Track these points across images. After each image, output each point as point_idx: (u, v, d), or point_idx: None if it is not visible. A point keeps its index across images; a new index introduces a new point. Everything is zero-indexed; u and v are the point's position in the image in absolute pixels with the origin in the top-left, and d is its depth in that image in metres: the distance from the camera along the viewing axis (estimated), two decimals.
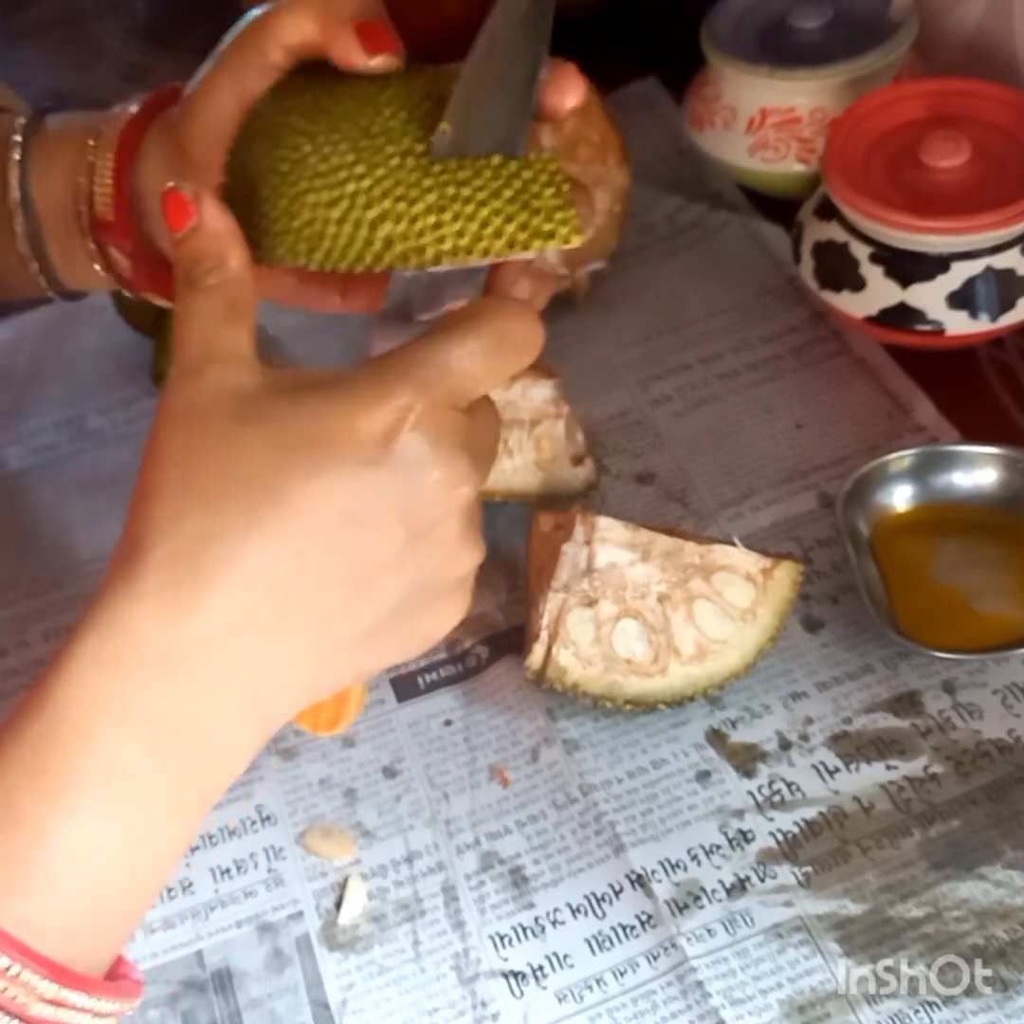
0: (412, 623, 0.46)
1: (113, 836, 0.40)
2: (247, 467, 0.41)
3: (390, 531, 0.42)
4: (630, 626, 0.63)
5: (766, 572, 0.63)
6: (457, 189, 0.47)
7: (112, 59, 1.16)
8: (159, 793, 0.41)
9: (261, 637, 0.41)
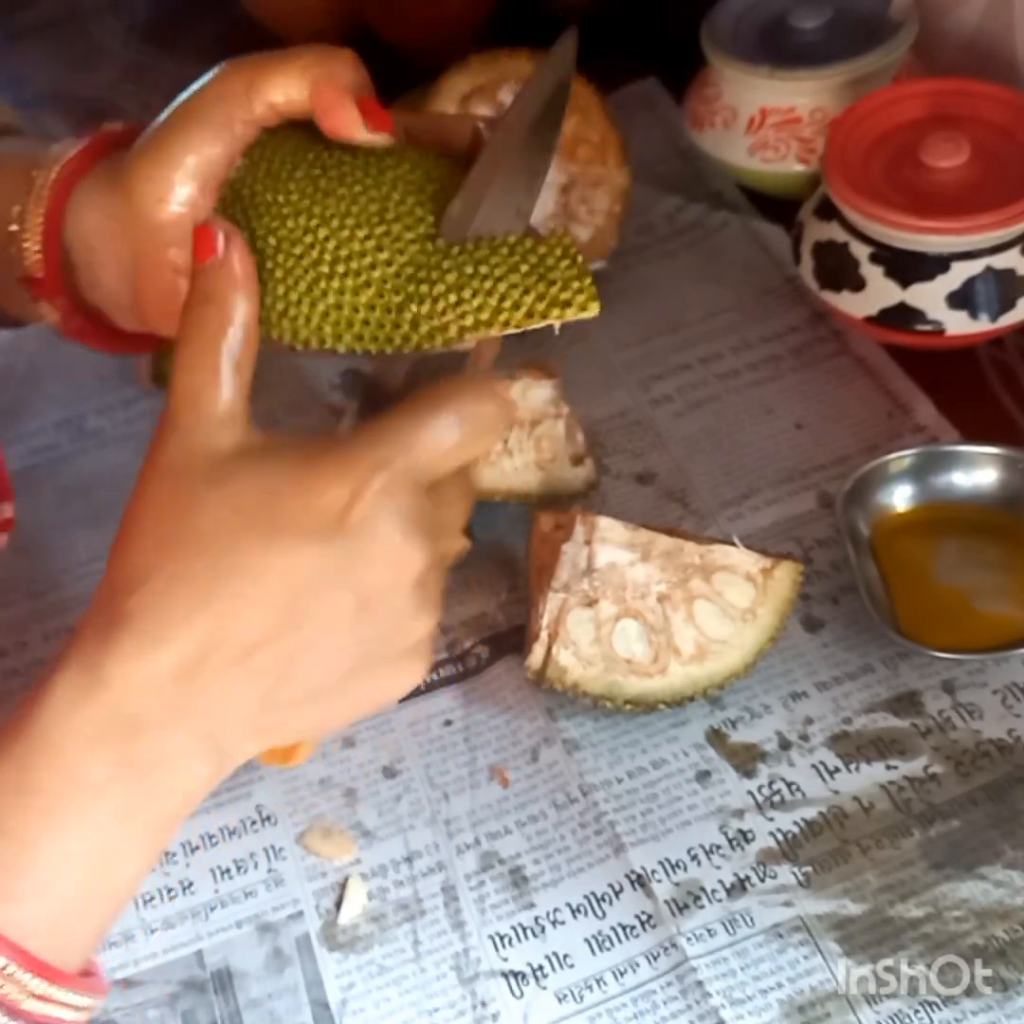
0: (364, 686, 0.47)
1: (88, 849, 0.44)
2: (210, 530, 0.44)
3: (339, 601, 0.44)
4: (630, 626, 0.63)
5: (766, 572, 0.63)
6: (475, 267, 0.48)
7: (112, 59, 1.16)
8: (125, 813, 0.44)
9: (213, 687, 0.44)
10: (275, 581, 0.43)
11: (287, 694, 0.45)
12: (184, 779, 0.45)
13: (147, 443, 0.87)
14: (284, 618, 0.44)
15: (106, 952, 0.60)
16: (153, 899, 0.62)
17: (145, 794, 0.44)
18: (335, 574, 0.44)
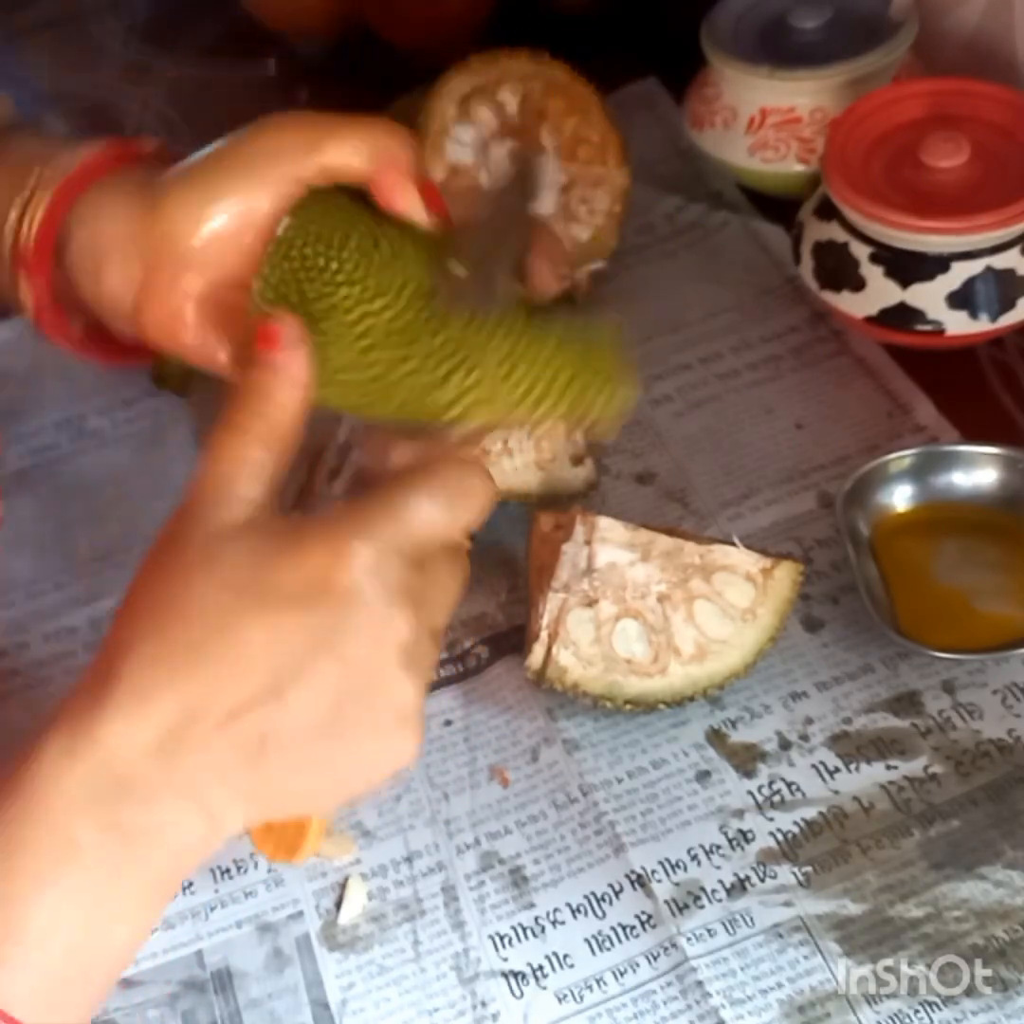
0: (352, 756, 0.47)
1: (78, 912, 0.44)
2: (199, 607, 0.45)
3: (322, 669, 0.44)
4: (630, 626, 0.63)
5: (766, 572, 0.63)
6: (528, 348, 0.50)
7: (112, 59, 1.15)
8: (115, 876, 0.44)
9: (198, 751, 0.44)
10: (258, 648, 0.44)
11: (273, 761, 0.45)
12: (174, 843, 0.45)
13: (147, 443, 0.87)
14: (267, 685, 0.44)
15: None
16: None
17: (135, 857, 0.45)
18: (319, 640, 0.44)
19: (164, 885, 0.46)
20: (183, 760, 0.44)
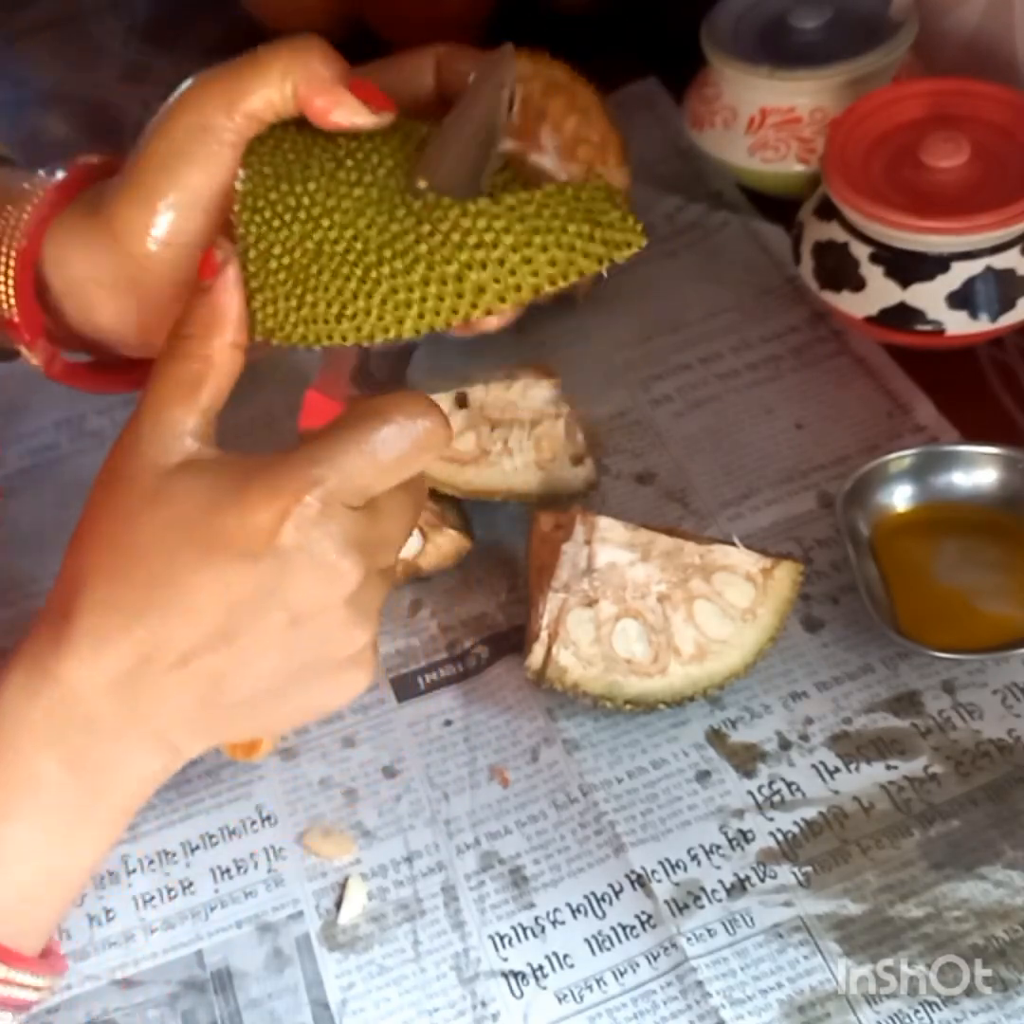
0: (303, 695, 0.49)
1: (43, 840, 0.47)
2: (147, 547, 0.46)
3: (270, 618, 0.46)
4: (630, 626, 0.63)
5: (766, 572, 0.63)
6: (533, 222, 0.48)
7: (112, 59, 1.16)
8: (78, 808, 0.47)
9: (153, 691, 0.46)
10: (207, 597, 0.45)
11: (226, 699, 0.47)
12: (136, 774, 0.48)
13: None
14: (216, 631, 0.45)
15: (106, 952, 0.60)
16: (153, 899, 0.62)
17: (97, 790, 0.47)
18: (266, 592, 0.45)
19: (125, 812, 0.49)
20: (140, 700, 0.46)
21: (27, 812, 0.46)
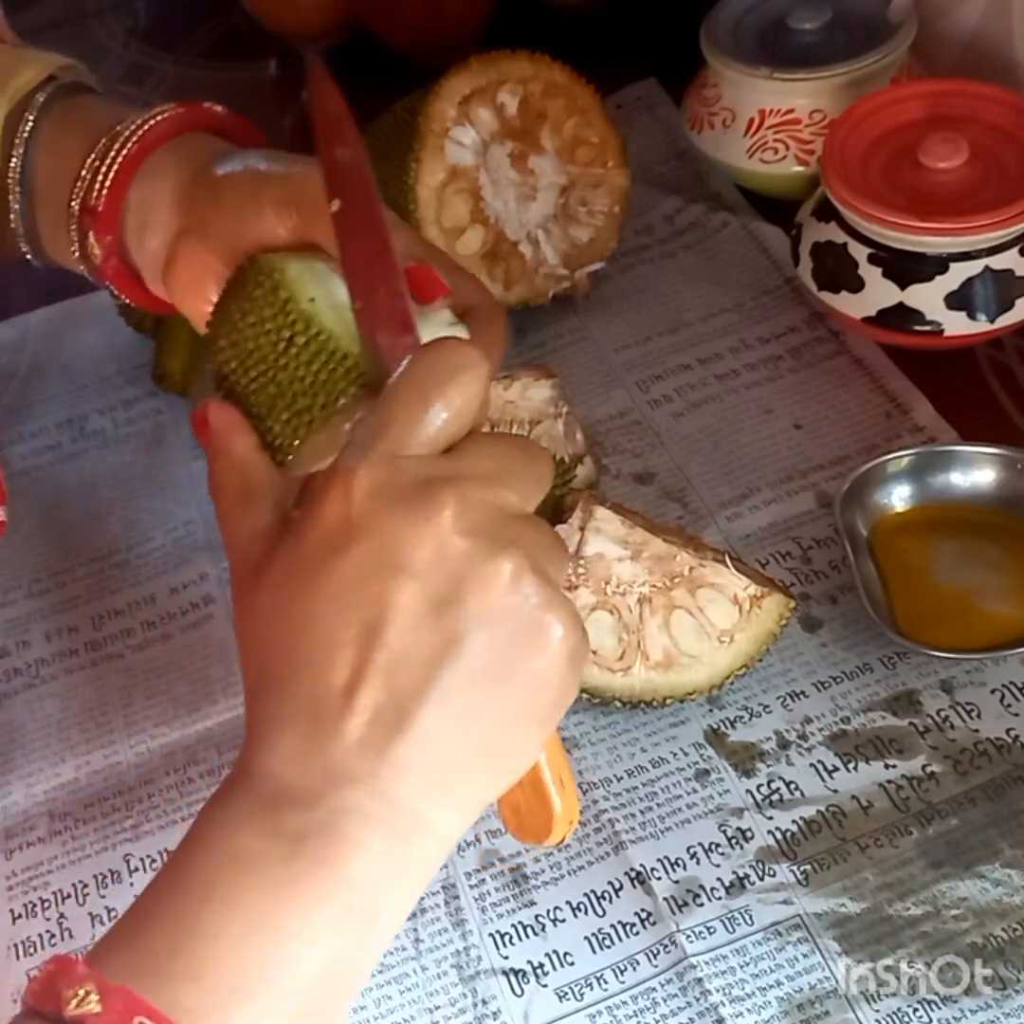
0: (494, 663, 0.42)
1: (244, 926, 0.40)
2: (267, 619, 0.44)
3: (395, 590, 0.42)
4: (604, 619, 0.63)
5: (754, 600, 0.63)
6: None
7: (112, 59, 1.16)
8: (286, 893, 0.41)
9: (338, 743, 0.42)
10: (328, 616, 0.42)
11: (417, 717, 0.42)
12: (356, 846, 0.41)
13: (147, 443, 0.87)
14: (350, 641, 0.42)
15: None
16: None
17: (306, 866, 0.41)
18: (373, 570, 0.42)
19: (363, 898, 0.42)
20: (328, 758, 0.41)
21: (228, 894, 0.41)
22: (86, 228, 0.60)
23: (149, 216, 0.58)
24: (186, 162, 0.58)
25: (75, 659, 0.73)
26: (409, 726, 0.41)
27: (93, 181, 0.59)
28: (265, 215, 0.55)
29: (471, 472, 0.43)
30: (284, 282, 0.51)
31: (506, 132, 0.80)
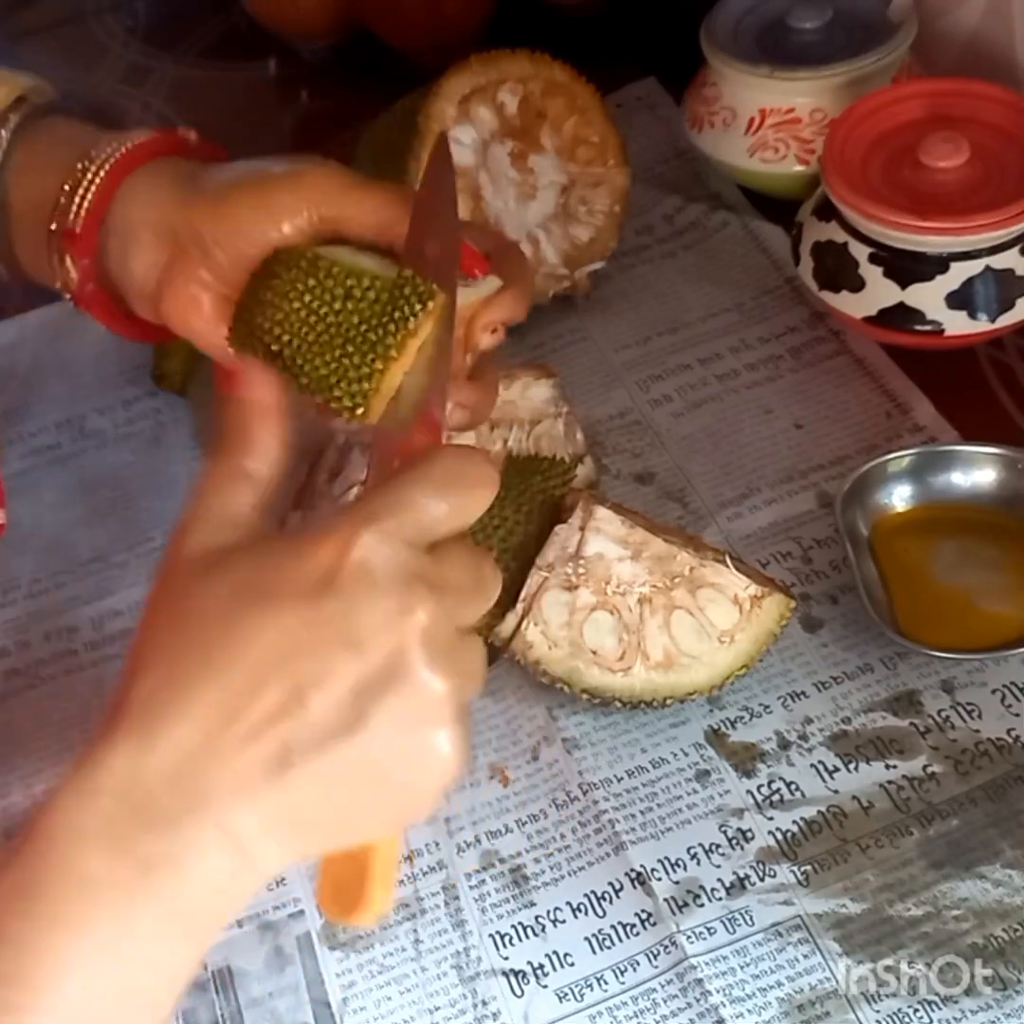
0: (382, 765, 0.43)
1: (91, 955, 0.40)
2: (204, 615, 0.43)
3: (340, 661, 0.42)
4: (604, 619, 0.63)
5: (755, 600, 0.63)
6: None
7: (112, 60, 1.16)
8: (131, 916, 0.41)
9: (219, 775, 0.41)
10: (269, 650, 0.42)
11: (299, 775, 0.42)
12: (199, 876, 0.41)
13: (147, 443, 0.87)
14: (285, 691, 0.42)
15: None
16: None
17: (154, 890, 0.41)
18: (331, 635, 0.42)
19: (192, 927, 0.43)
20: (202, 783, 0.41)
21: (74, 917, 0.40)
22: (63, 252, 0.58)
23: (131, 239, 0.57)
24: (166, 184, 0.58)
25: (75, 659, 0.73)
26: (285, 782, 0.42)
27: (70, 204, 0.57)
28: (277, 221, 0.55)
29: (449, 583, 0.45)
30: (320, 255, 0.53)
31: (506, 131, 0.80)
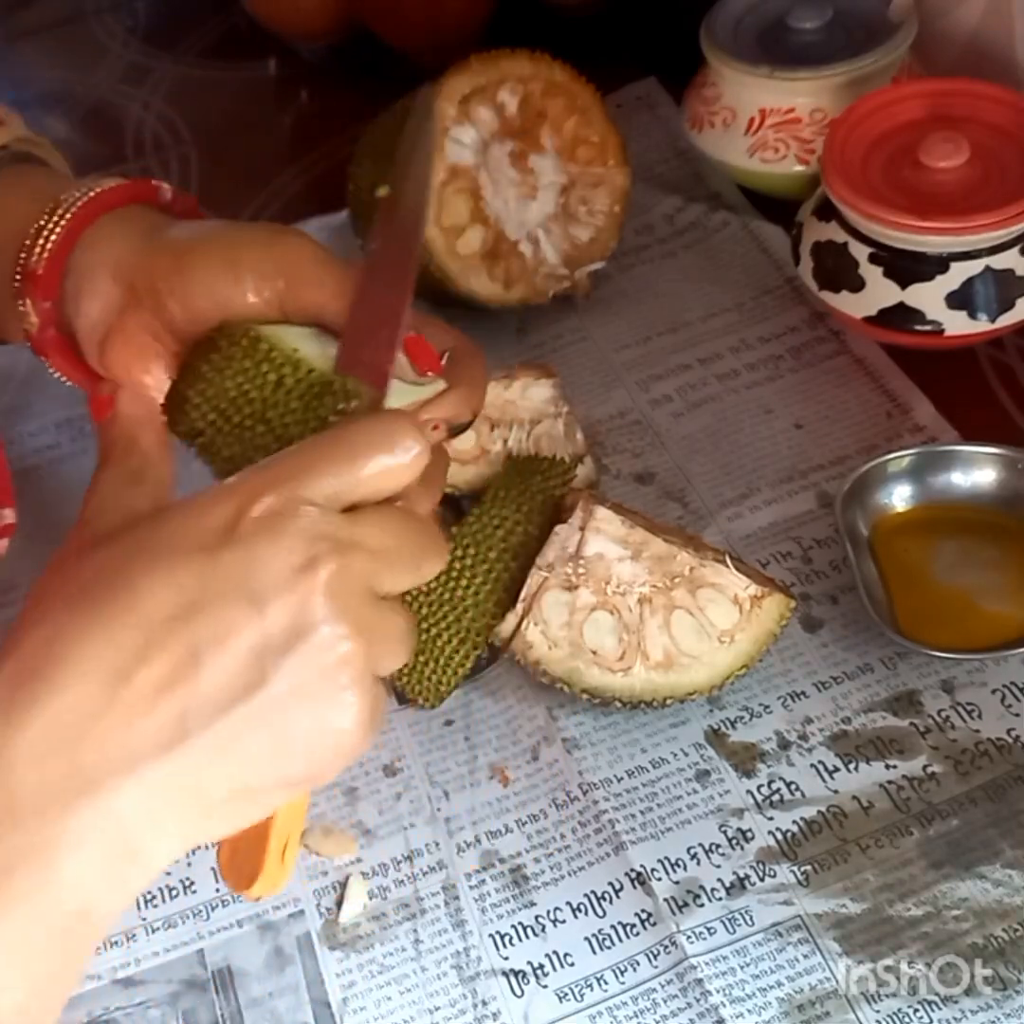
0: (283, 723, 0.41)
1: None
2: (95, 575, 0.41)
3: (238, 616, 0.40)
4: (604, 619, 0.63)
5: (755, 600, 0.63)
6: None
7: (112, 59, 1.16)
8: (6, 919, 0.38)
9: (101, 752, 0.38)
10: (161, 605, 0.40)
11: (195, 745, 0.39)
12: (69, 874, 0.38)
13: None
14: (175, 644, 0.39)
15: (107, 951, 0.60)
16: (154, 898, 0.62)
17: (18, 890, 0.37)
18: (229, 589, 0.40)
19: (67, 930, 0.39)
20: (80, 760, 0.38)
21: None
22: (25, 295, 0.56)
23: (86, 281, 0.55)
24: (129, 231, 0.56)
25: None
26: (179, 752, 0.39)
27: (33, 246, 0.56)
28: (242, 284, 0.53)
29: (361, 542, 0.43)
30: (263, 336, 0.51)
31: (506, 131, 0.80)
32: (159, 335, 0.54)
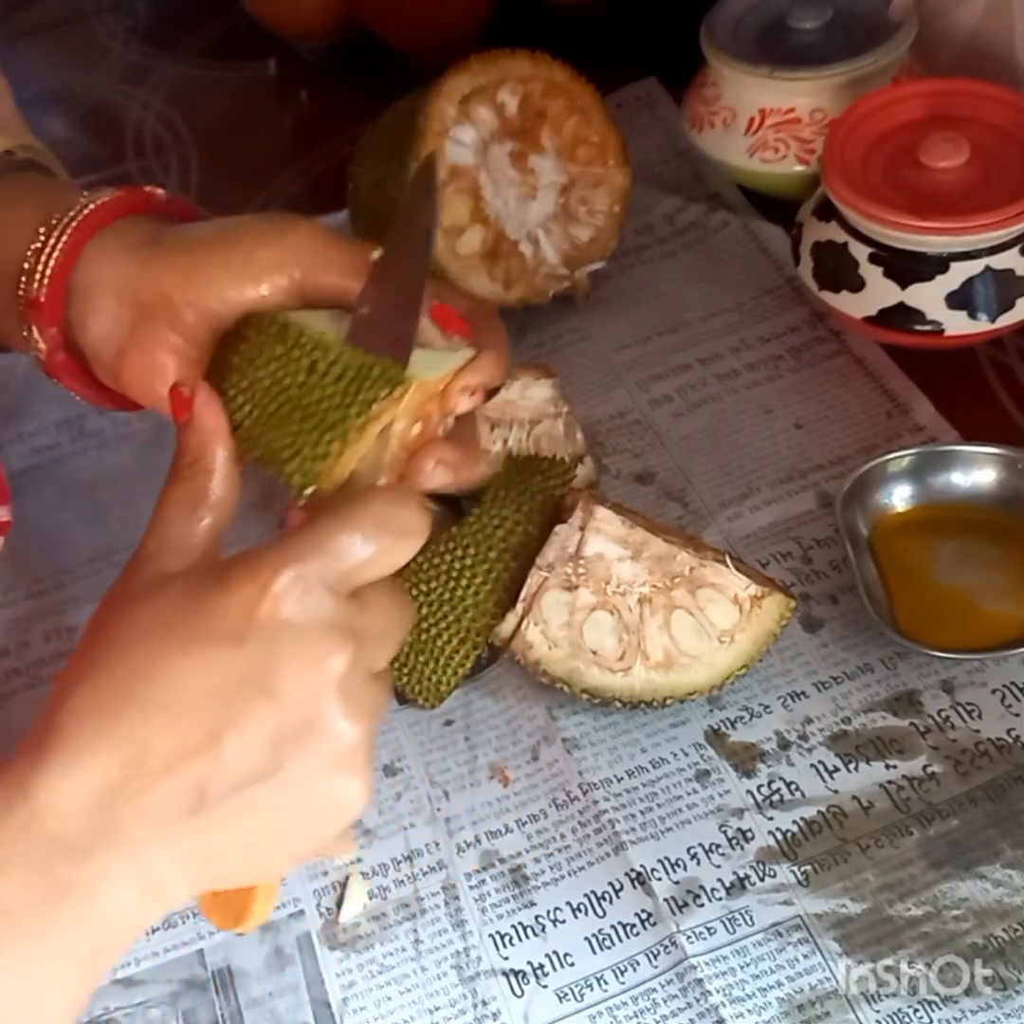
0: (295, 805, 0.45)
1: (6, 970, 0.41)
2: (130, 642, 0.44)
3: (254, 705, 0.43)
4: (604, 619, 0.63)
5: (755, 600, 0.63)
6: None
7: (112, 59, 1.16)
8: (39, 940, 0.42)
9: (133, 802, 0.42)
10: (190, 687, 0.43)
11: (212, 814, 0.43)
12: (110, 905, 0.43)
13: (147, 443, 0.87)
14: (203, 731, 0.43)
15: None
16: None
17: (66, 917, 0.42)
18: (250, 678, 0.43)
19: (99, 953, 0.44)
20: (119, 815, 0.42)
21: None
22: (30, 322, 0.56)
23: (91, 301, 0.55)
24: (127, 245, 0.56)
25: None
26: (199, 821, 0.43)
27: (33, 271, 0.55)
28: (258, 281, 0.53)
29: (368, 630, 0.46)
30: (291, 322, 0.52)
31: (506, 131, 0.80)
32: (176, 346, 0.54)
